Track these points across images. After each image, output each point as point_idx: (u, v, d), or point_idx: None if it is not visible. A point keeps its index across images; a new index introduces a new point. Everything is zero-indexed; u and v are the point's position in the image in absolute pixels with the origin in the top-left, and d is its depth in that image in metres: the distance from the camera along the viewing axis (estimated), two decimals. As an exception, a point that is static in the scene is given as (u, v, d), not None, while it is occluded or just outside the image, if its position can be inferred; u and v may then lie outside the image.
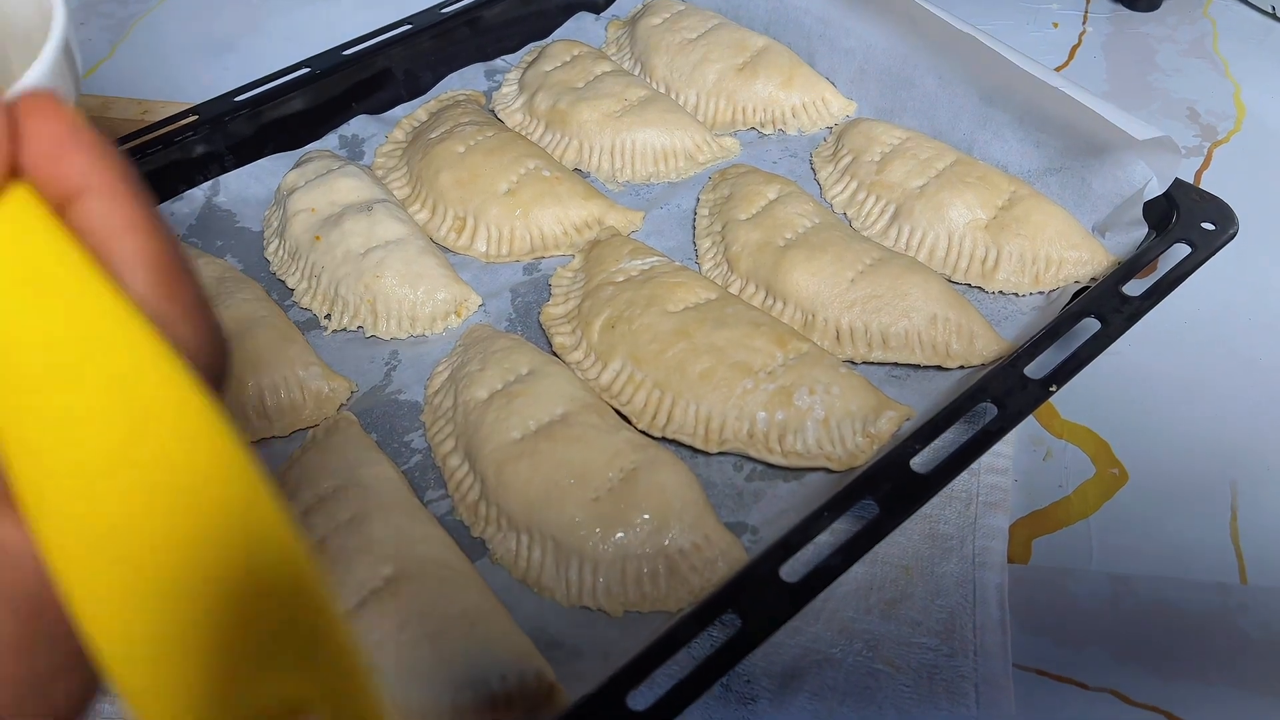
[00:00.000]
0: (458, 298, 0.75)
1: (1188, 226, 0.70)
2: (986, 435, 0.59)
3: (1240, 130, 0.96)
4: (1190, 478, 0.69)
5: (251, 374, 0.69)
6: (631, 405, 0.68)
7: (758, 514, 0.63)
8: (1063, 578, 0.65)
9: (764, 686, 0.59)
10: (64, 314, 0.26)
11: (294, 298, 0.78)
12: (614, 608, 0.58)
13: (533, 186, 0.81)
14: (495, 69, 1.00)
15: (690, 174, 0.87)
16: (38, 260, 0.26)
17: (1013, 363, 0.63)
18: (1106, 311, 0.65)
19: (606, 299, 0.72)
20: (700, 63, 0.92)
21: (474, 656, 0.53)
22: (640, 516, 0.59)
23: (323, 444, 0.66)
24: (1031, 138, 0.80)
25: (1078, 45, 1.08)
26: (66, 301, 0.26)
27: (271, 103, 0.88)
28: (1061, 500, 0.68)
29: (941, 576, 0.63)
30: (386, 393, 0.72)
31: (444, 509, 0.65)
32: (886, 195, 0.80)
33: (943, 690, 0.58)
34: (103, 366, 0.26)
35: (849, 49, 0.91)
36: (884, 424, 0.64)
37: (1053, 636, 0.62)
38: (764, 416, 0.65)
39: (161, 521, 0.25)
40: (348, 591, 0.56)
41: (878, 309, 0.71)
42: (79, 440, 0.25)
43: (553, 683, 0.54)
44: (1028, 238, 0.74)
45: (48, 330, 0.25)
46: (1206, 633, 0.62)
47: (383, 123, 0.93)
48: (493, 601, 0.57)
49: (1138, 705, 0.59)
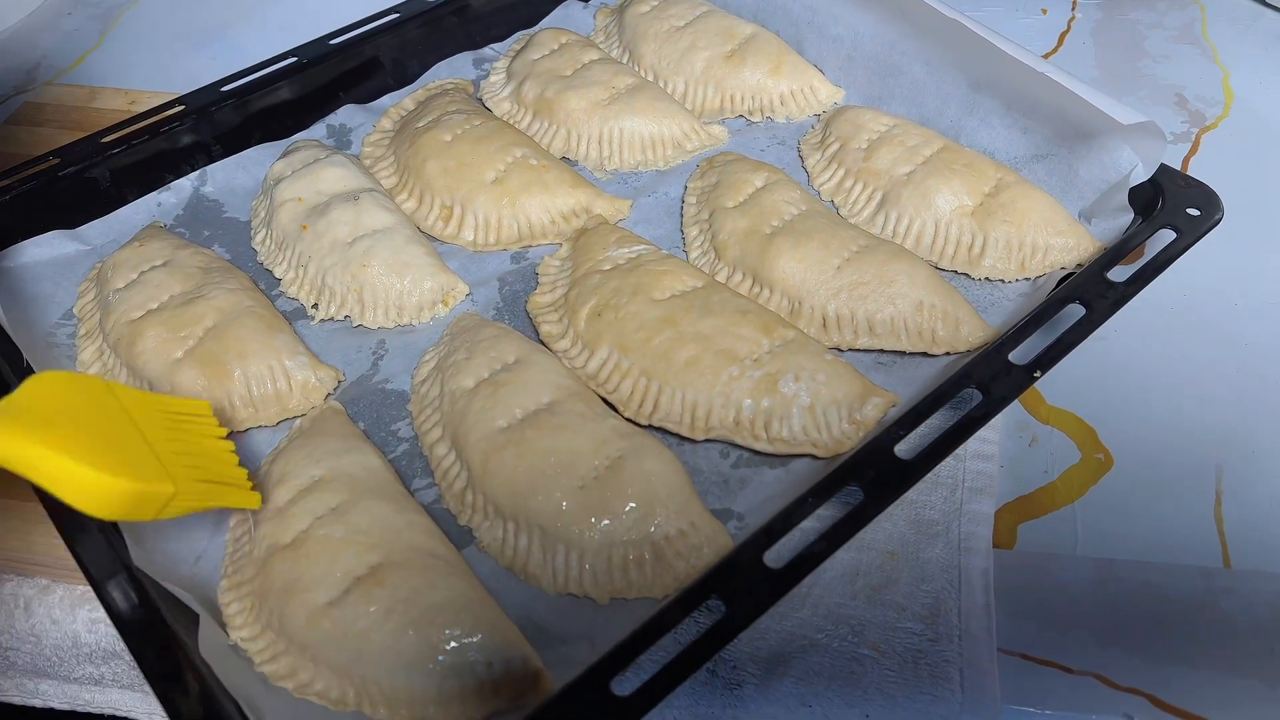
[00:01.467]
0: (445, 287, 0.75)
1: (1173, 212, 0.70)
2: (971, 421, 0.59)
3: (1229, 116, 0.96)
4: (1175, 462, 0.69)
5: (238, 363, 0.68)
6: (618, 393, 0.68)
7: (744, 500, 0.63)
8: (1048, 562, 0.65)
9: (750, 672, 0.59)
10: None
11: (281, 287, 0.78)
12: (600, 594, 0.58)
13: (520, 175, 0.81)
14: (483, 57, 0.99)
15: (678, 162, 0.87)
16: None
17: (998, 349, 0.63)
18: (1091, 297, 0.65)
19: (593, 287, 0.72)
20: (688, 50, 0.92)
21: (460, 644, 0.53)
22: (626, 504, 0.59)
23: (309, 433, 0.66)
24: (1019, 124, 0.79)
25: (1067, 31, 1.08)
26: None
27: (259, 92, 0.88)
28: (1047, 485, 0.69)
29: (927, 562, 0.63)
30: (374, 382, 0.72)
31: (431, 497, 0.65)
32: (874, 182, 0.80)
33: (928, 675, 0.58)
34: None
35: (837, 36, 0.91)
36: (870, 410, 0.65)
37: (1037, 621, 0.62)
38: (750, 404, 0.65)
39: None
40: (334, 579, 0.56)
41: (864, 296, 0.71)
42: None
43: (539, 669, 0.54)
44: (1014, 224, 0.74)
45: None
46: (1190, 616, 0.62)
47: (370, 112, 0.93)
48: (479, 589, 0.57)
49: (1122, 689, 0.59)
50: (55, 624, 0.66)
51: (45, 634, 0.66)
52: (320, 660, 0.55)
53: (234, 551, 0.61)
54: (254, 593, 0.58)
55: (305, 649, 0.55)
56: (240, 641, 0.57)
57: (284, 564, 0.57)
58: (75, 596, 0.66)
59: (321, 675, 0.55)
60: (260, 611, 0.57)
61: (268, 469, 0.64)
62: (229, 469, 0.60)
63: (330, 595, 0.55)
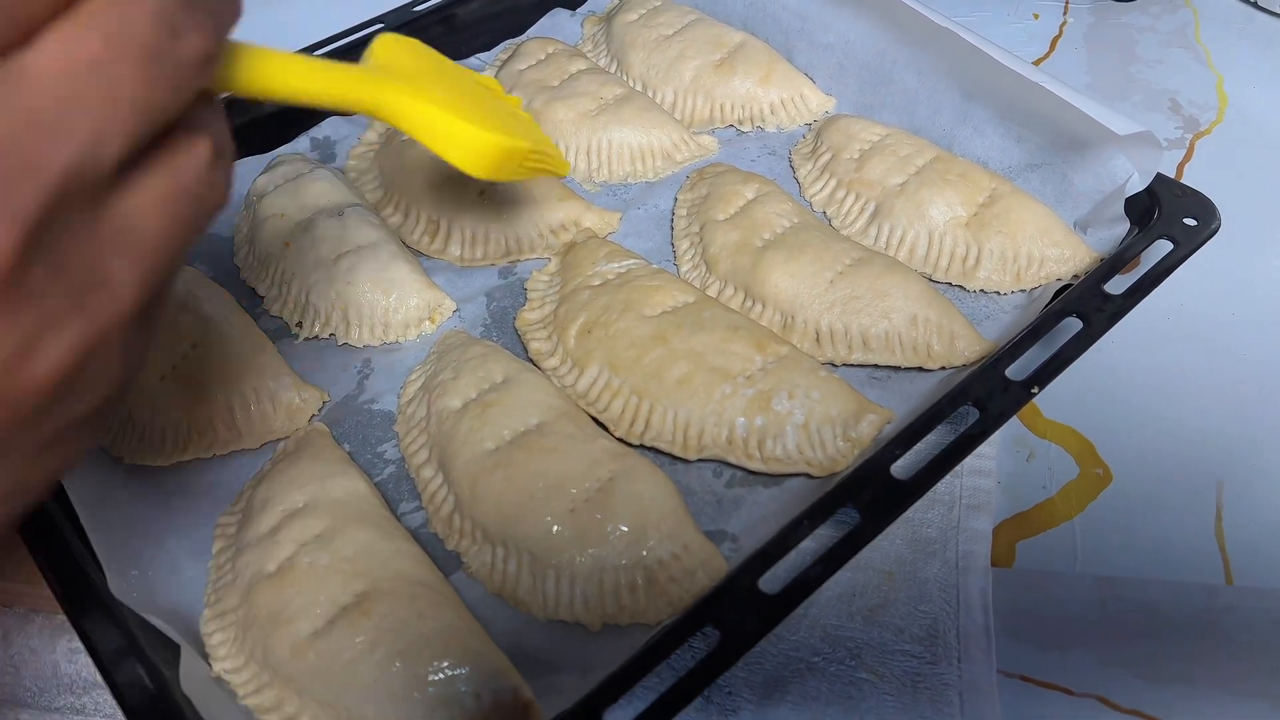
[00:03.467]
0: (431, 303, 0.74)
1: (1170, 222, 0.69)
2: (968, 439, 0.58)
3: (1222, 121, 0.96)
4: (1175, 477, 0.69)
5: (220, 385, 0.67)
6: (609, 413, 0.66)
7: (738, 521, 0.62)
8: (1047, 581, 0.64)
9: (745, 698, 0.58)
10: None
11: (264, 305, 0.76)
12: (592, 621, 0.57)
13: (507, 188, 0.79)
14: (469, 67, 0.98)
15: (668, 173, 0.85)
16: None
17: (994, 364, 0.62)
18: (1088, 310, 0.64)
19: (583, 304, 0.70)
20: (677, 59, 0.91)
21: (448, 675, 0.52)
22: (618, 527, 0.58)
23: (294, 457, 0.64)
24: (1012, 133, 0.78)
25: (1059, 36, 1.07)
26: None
27: (241, 105, 0.86)
28: (1045, 502, 0.68)
29: (924, 581, 0.62)
30: (359, 402, 0.71)
31: (418, 521, 0.63)
32: (866, 193, 0.79)
33: (927, 699, 0.57)
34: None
35: (827, 44, 0.90)
36: (865, 428, 0.63)
37: (1037, 641, 0.61)
38: (743, 422, 0.63)
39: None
40: (319, 609, 0.54)
41: (858, 310, 0.69)
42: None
43: (529, 700, 0.52)
44: (1009, 235, 0.73)
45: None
46: (1193, 635, 0.61)
47: (355, 124, 0.91)
48: (467, 618, 0.56)
49: (1124, 710, 0.58)
50: (34, 654, 0.65)
51: (24, 664, 0.65)
52: (306, 693, 0.53)
53: (216, 579, 0.60)
54: (238, 623, 0.57)
55: (290, 681, 0.54)
56: (224, 674, 0.56)
57: (268, 593, 0.56)
58: (55, 626, 0.65)
59: (308, 708, 0.54)
60: (244, 642, 0.56)
61: (251, 493, 0.63)
62: (540, 135, 0.64)
63: (315, 626, 0.54)
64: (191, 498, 0.65)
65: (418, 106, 0.50)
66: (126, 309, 0.30)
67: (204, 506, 0.64)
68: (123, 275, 0.29)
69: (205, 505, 0.64)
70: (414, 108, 0.50)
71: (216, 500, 0.65)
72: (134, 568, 0.60)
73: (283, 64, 0.40)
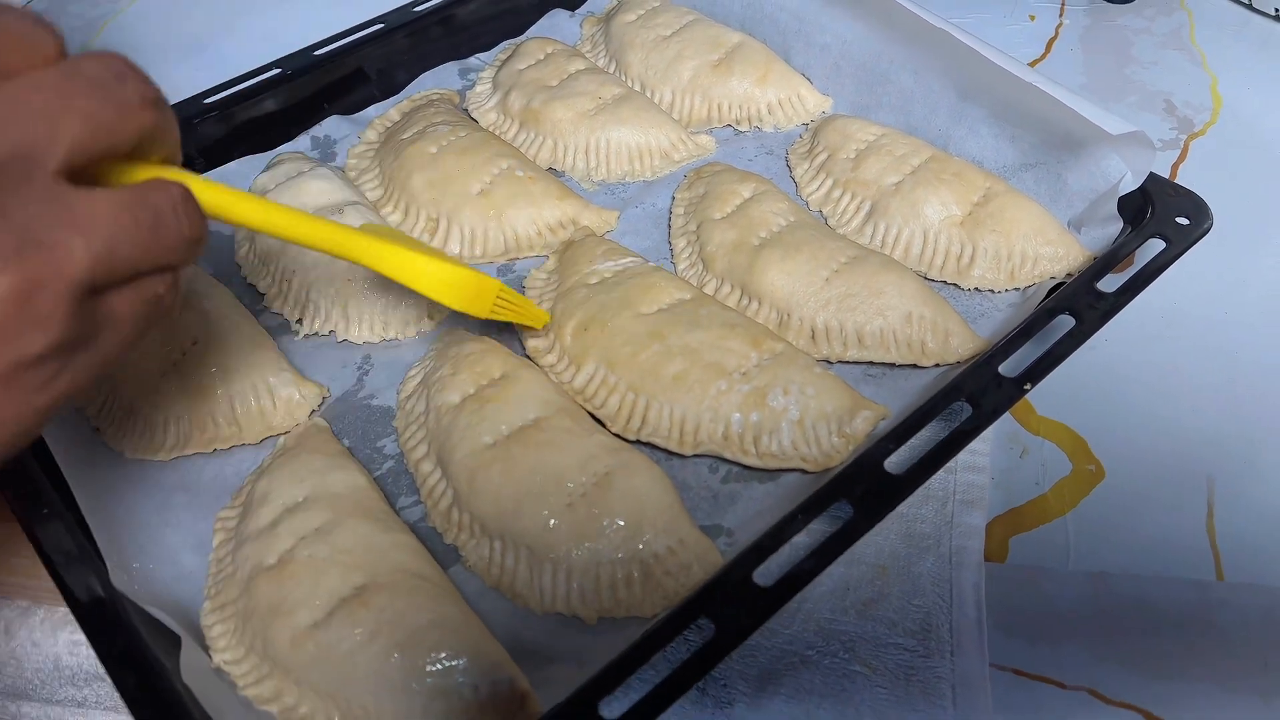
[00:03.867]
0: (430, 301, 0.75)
1: (1163, 221, 0.70)
2: (961, 435, 0.58)
3: (1217, 122, 0.96)
4: (1167, 474, 0.69)
5: (221, 381, 0.68)
6: (605, 408, 0.67)
7: (733, 516, 0.63)
8: (1040, 576, 0.64)
9: (740, 690, 0.59)
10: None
11: (265, 302, 0.77)
12: (588, 614, 0.58)
13: (506, 187, 0.80)
14: (469, 67, 0.99)
15: (665, 172, 0.86)
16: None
17: (987, 361, 0.62)
18: (1081, 308, 0.65)
19: (580, 301, 0.71)
20: (675, 60, 0.92)
21: (446, 666, 0.53)
22: (614, 522, 0.58)
23: (294, 451, 0.65)
24: (1007, 133, 0.79)
25: (1054, 38, 1.08)
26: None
27: (242, 104, 0.87)
28: (1038, 498, 0.68)
29: (918, 576, 0.63)
30: (359, 398, 0.71)
31: (416, 515, 0.64)
32: (862, 192, 0.79)
33: (919, 691, 0.58)
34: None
35: (824, 45, 0.90)
36: (859, 424, 0.64)
37: (1030, 635, 0.62)
38: (739, 418, 0.64)
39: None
40: (318, 601, 0.55)
41: (853, 307, 0.70)
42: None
43: (525, 691, 0.53)
44: (1003, 234, 0.74)
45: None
46: (1184, 630, 0.62)
47: (355, 123, 0.92)
48: (465, 610, 0.56)
49: (1115, 704, 0.59)
50: (36, 646, 0.65)
51: (26, 656, 0.65)
52: (305, 683, 0.54)
53: (217, 572, 0.61)
54: (238, 614, 0.57)
55: (290, 672, 0.54)
56: (224, 665, 0.56)
57: (268, 585, 0.57)
58: (56, 618, 0.65)
59: (306, 699, 0.54)
60: (244, 634, 0.57)
61: (251, 488, 0.64)
62: (518, 298, 0.69)
63: (314, 617, 0.55)
64: (192, 492, 0.65)
65: (396, 251, 0.59)
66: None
67: (204, 501, 0.65)
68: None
69: (206, 499, 0.65)
70: (392, 252, 0.59)
71: (217, 494, 0.65)
72: (135, 561, 0.60)
73: (280, 215, 0.52)
